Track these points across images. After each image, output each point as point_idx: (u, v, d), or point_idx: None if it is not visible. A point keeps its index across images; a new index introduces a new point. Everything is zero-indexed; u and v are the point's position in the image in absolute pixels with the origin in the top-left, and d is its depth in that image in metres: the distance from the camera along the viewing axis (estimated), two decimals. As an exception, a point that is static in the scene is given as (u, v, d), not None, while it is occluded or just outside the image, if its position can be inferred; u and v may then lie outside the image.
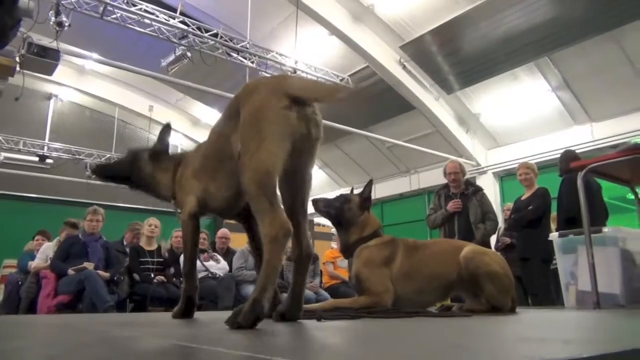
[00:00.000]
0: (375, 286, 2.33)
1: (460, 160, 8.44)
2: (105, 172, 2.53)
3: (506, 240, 5.99)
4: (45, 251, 5.75)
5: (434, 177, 11.03)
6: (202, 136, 13.39)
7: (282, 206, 1.65)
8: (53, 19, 5.99)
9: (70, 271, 4.93)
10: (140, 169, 2.40)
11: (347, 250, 2.58)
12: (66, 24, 6.14)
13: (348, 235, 2.57)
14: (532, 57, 8.65)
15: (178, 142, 13.85)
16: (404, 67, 9.67)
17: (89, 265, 4.94)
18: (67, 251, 5.23)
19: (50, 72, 6.57)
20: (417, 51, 9.32)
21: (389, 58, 9.48)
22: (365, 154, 12.35)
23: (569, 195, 4.27)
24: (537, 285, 4.93)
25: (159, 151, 2.45)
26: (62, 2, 6.09)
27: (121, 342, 1.21)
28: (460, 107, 10.40)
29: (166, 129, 2.58)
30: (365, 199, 2.63)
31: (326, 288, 6.71)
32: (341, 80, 8.83)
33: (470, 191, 5.18)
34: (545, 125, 9.52)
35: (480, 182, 9.72)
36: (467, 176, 5.76)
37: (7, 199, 9.18)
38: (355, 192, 2.79)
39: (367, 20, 9.08)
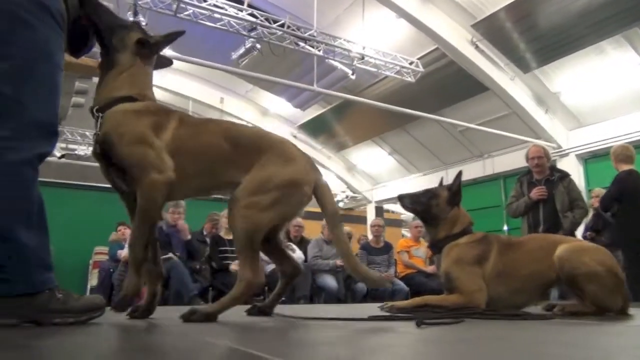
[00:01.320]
0: (467, 285, 2.23)
1: (543, 143, 8.01)
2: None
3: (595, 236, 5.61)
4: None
5: (510, 161, 10.56)
6: (271, 125, 13.67)
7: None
8: (131, 19, 6.24)
9: (157, 261, 5.19)
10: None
11: (435, 246, 2.48)
12: (143, 23, 6.39)
13: (436, 231, 2.47)
14: (618, 29, 7.96)
15: (248, 132, 14.20)
16: (477, 46, 9.23)
17: (174, 256, 5.18)
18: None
19: (130, 70, 6.88)
20: (490, 29, 8.87)
21: (460, 38, 9.10)
22: (436, 138, 12.01)
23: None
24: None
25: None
26: (139, 2, 6.33)
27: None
28: (538, 86, 9.81)
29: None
30: (454, 193, 2.49)
31: (401, 277, 6.64)
32: (410, 63, 8.58)
33: (555, 177, 4.88)
34: (635, 102, 8.77)
35: (561, 165, 9.15)
36: (548, 160, 5.42)
37: (96, 190, 9.81)
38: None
39: (437, 0, 8.75)
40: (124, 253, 6.33)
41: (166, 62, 2.18)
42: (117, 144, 1.77)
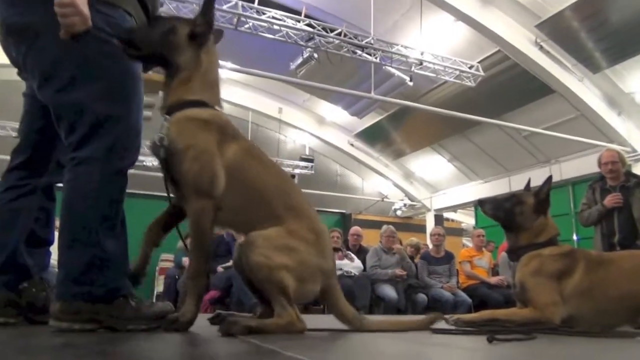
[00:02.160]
0: (541, 298, 2.08)
1: (616, 147, 7.53)
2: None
3: None
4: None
5: (579, 167, 10.00)
6: (328, 134, 13.73)
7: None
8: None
9: (220, 268, 5.32)
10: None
11: (514, 254, 2.33)
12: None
13: (517, 238, 2.30)
14: (699, 22, 7.38)
15: (306, 141, 14.35)
16: (541, 47, 8.85)
17: (235, 264, 5.28)
18: (214, 250, 5.66)
19: (193, 83, 7.16)
20: (555, 29, 8.47)
21: (523, 39, 8.76)
22: (499, 144, 11.59)
23: None
24: None
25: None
26: (202, 18, 6.57)
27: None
28: (610, 87, 9.25)
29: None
30: (541, 200, 2.31)
31: (463, 289, 6.42)
32: (470, 67, 8.35)
33: (632, 183, 4.56)
34: None
35: (637, 170, 8.55)
36: (623, 165, 5.06)
37: (163, 199, 10.26)
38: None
39: (498, 1, 8.48)
40: (189, 260, 6.54)
41: (218, 36, 1.97)
42: (181, 156, 1.69)
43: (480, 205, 2.46)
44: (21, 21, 1.61)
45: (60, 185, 1.92)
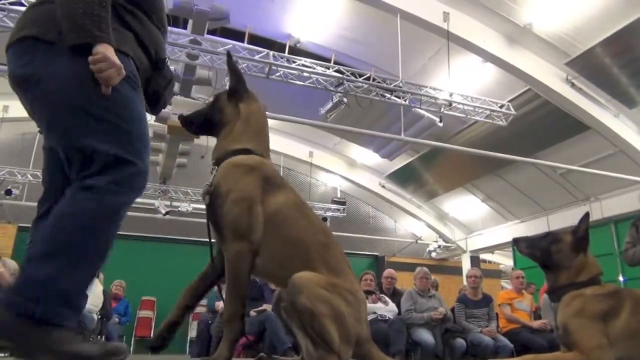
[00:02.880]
0: (587, 340, 1.97)
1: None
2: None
3: None
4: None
5: (620, 204, 9.70)
6: (359, 176, 13.78)
7: None
8: (229, 84, 6.73)
9: (252, 313, 5.29)
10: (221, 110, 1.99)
11: (554, 294, 2.24)
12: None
13: (557, 277, 2.20)
14: None
15: (337, 184, 14.41)
16: (573, 84, 8.79)
17: (268, 308, 5.25)
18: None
19: (228, 130, 7.40)
20: (586, 66, 8.42)
21: (553, 77, 8.73)
22: (534, 183, 11.36)
23: None
24: None
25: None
26: (235, 68, 6.83)
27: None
28: (648, 122, 9.05)
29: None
30: (580, 238, 2.21)
31: (504, 333, 6.14)
32: (501, 107, 8.33)
33: (679, 219, 4.38)
34: None
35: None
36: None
37: (197, 244, 10.39)
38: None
39: (525, 40, 8.53)
40: (221, 304, 6.54)
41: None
42: (222, 199, 1.74)
43: (515, 244, 2.39)
44: (24, 72, 1.63)
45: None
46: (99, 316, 5.25)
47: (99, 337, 6.36)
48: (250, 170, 1.80)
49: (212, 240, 1.82)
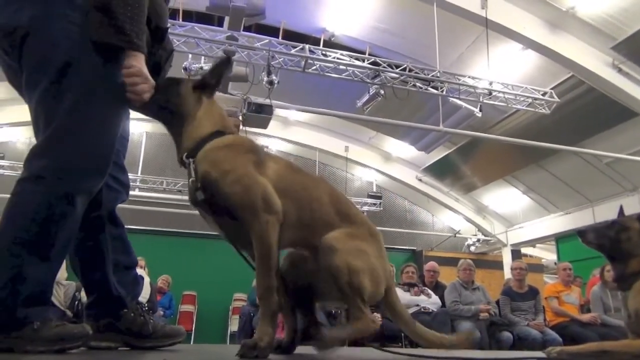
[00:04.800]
0: (662, 327, 1.89)
1: None
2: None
3: None
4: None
5: (673, 194, 9.25)
6: (395, 170, 13.65)
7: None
8: (265, 78, 6.77)
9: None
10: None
11: (623, 282, 2.14)
12: (276, 82, 6.90)
13: (626, 266, 2.13)
14: None
15: (373, 178, 14.33)
16: (619, 69, 8.42)
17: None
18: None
19: (266, 125, 7.46)
20: (634, 49, 8.04)
21: (599, 62, 8.39)
22: (578, 173, 10.97)
23: None
24: None
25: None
26: (272, 63, 6.87)
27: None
28: (702, 106, 8.59)
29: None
30: None
31: (552, 327, 5.98)
32: (544, 94, 8.06)
33: None
34: None
35: None
36: None
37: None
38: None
39: (568, 25, 8.23)
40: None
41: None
42: (220, 183, 1.61)
43: (581, 235, 2.28)
44: (11, 22, 1.54)
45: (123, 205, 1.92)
46: (147, 307, 5.36)
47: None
48: (232, 147, 1.72)
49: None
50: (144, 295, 5.28)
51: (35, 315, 1.45)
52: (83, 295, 5.15)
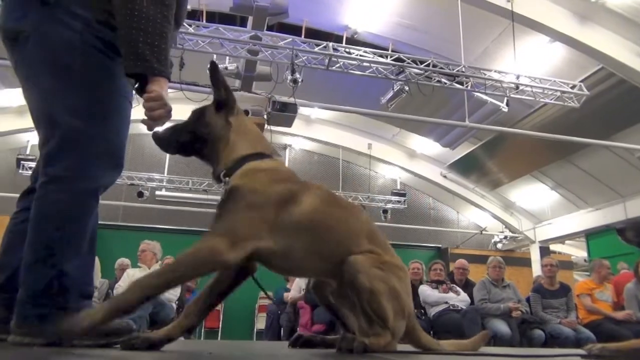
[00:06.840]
0: None
1: None
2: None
3: None
4: (299, 283, 6.38)
5: None
6: (419, 167, 13.53)
7: None
8: (289, 77, 6.80)
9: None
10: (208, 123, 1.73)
11: None
12: (299, 80, 6.92)
13: None
14: None
15: (397, 175, 14.25)
16: (653, 60, 8.19)
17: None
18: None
19: (290, 124, 7.50)
20: (668, 39, 7.83)
21: (630, 53, 8.16)
22: (608, 167, 10.71)
23: None
24: None
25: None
26: (296, 61, 6.89)
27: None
28: None
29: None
30: None
31: (585, 324, 5.85)
32: (572, 87, 7.89)
33: None
34: None
35: None
36: None
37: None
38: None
39: (597, 16, 8.03)
40: (290, 295, 6.65)
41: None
42: (240, 198, 1.53)
43: (621, 232, 2.21)
44: (14, 27, 1.62)
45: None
46: (177, 305, 5.46)
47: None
48: (270, 173, 1.64)
49: None
50: (174, 294, 5.35)
51: (84, 308, 1.51)
52: (116, 292, 5.27)
